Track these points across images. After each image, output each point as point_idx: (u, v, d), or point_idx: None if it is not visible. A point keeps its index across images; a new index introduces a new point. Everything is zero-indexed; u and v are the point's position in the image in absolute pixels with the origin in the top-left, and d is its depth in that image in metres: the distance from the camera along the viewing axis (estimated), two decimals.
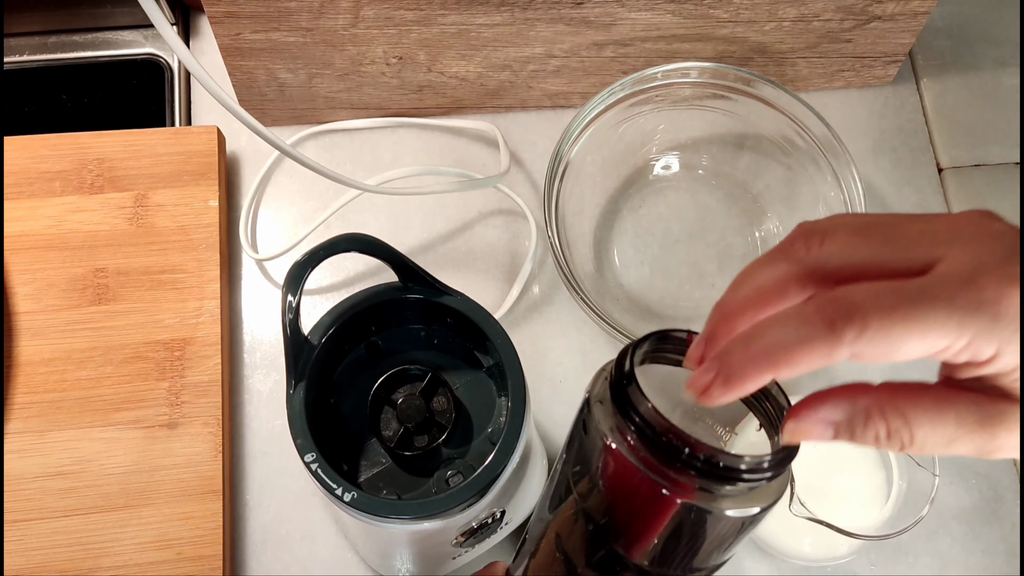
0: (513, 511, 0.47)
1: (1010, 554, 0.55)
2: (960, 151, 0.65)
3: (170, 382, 0.54)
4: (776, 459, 0.28)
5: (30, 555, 0.50)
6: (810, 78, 0.65)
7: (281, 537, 0.54)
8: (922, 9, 0.60)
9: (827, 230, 0.28)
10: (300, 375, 0.40)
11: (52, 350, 0.54)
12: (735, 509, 0.28)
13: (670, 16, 0.58)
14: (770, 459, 0.28)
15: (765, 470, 0.28)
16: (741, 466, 0.27)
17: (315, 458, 0.39)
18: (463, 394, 0.44)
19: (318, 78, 0.61)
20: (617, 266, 0.60)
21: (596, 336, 0.59)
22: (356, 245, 0.41)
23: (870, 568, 0.54)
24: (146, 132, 0.60)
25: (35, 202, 0.57)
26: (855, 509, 0.51)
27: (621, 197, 0.62)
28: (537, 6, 0.56)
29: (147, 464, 0.52)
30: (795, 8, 0.58)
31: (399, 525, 0.39)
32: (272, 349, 0.58)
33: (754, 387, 0.27)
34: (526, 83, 0.63)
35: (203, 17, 0.67)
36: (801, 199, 0.59)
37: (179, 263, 0.57)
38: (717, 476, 0.28)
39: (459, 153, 0.64)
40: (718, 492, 0.28)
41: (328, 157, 0.63)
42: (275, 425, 0.56)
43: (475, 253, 0.61)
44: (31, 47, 0.67)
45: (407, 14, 0.56)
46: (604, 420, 0.29)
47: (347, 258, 0.61)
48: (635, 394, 0.29)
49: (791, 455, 0.29)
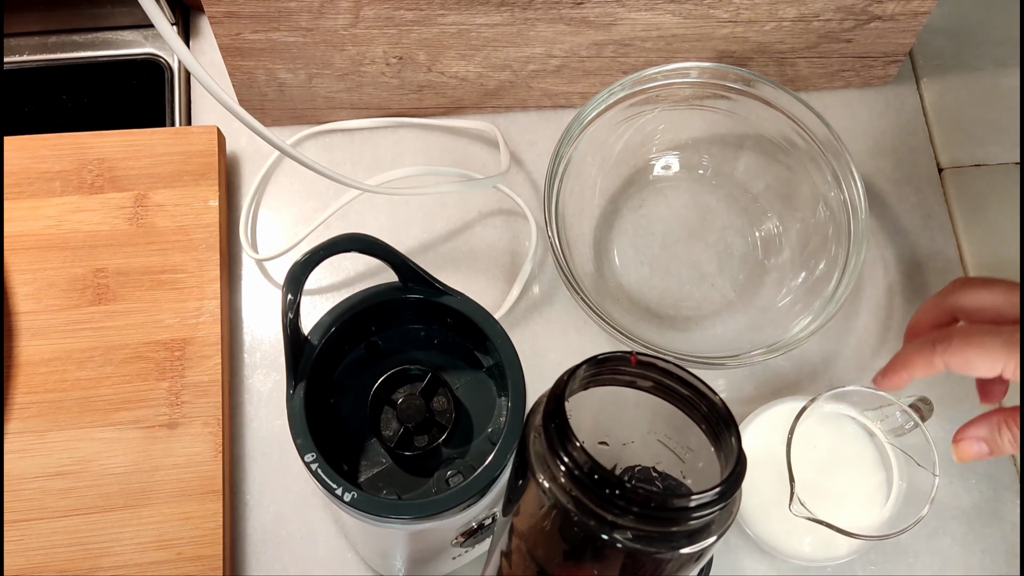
0: None
1: (1010, 554, 0.55)
2: (960, 151, 0.65)
3: (170, 382, 0.54)
4: (722, 490, 0.27)
5: (30, 555, 0.50)
6: (810, 78, 0.65)
7: (281, 537, 0.54)
8: (922, 9, 0.60)
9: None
10: (300, 375, 0.40)
11: (52, 350, 0.54)
12: (689, 546, 0.27)
13: (670, 16, 0.58)
14: (715, 491, 0.26)
15: (710, 504, 0.26)
16: (689, 504, 0.26)
17: (315, 458, 0.39)
18: (463, 394, 0.44)
19: (318, 78, 0.61)
20: (617, 266, 0.60)
21: (596, 336, 0.59)
22: (356, 245, 0.41)
23: (870, 568, 0.54)
24: (146, 132, 0.60)
25: (35, 202, 0.57)
26: (855, 509, 0.50)
27: (621, 197, 0.62)
28: (537, 6, 0.56)
29: (147, 464, 0.52)
30: (795, 8, 0.58)
31: (399, 525, 0.39)
32: (272, 349, 0.58)
33: (900, 381, 0.45)
34: (526, 83, 0.63)
35: (203, 17, 0.67)
36: (801, 199, 0.59)
37: (179, 263, 0.57)
38: (659, 519, 0.26)
39: (459, 153, 0.64)
40: (665, 531, 0.26)
41: (328, 157, 0.63)
42: (275, 425, 0.56)
43: (475, 253, 0.61)
44: (31, 47, 0.67)
45: (407, 14, 0.56)
46: (537, 456, 0.28)
47: (347, 258, 0.61)
48: (565, 431, 0.27)
49: (736, 483, 0.27)
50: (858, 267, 0.53)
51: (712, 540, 0.27)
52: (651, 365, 0.32)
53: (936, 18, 0.68)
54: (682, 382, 0.33)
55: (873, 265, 0.61)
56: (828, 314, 0.53)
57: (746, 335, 0.57)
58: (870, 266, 0.61)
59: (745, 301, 0.59)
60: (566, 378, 0.29)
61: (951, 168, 0.64)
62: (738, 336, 0.58)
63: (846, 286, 0.53)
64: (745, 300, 0.60)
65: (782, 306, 0.58)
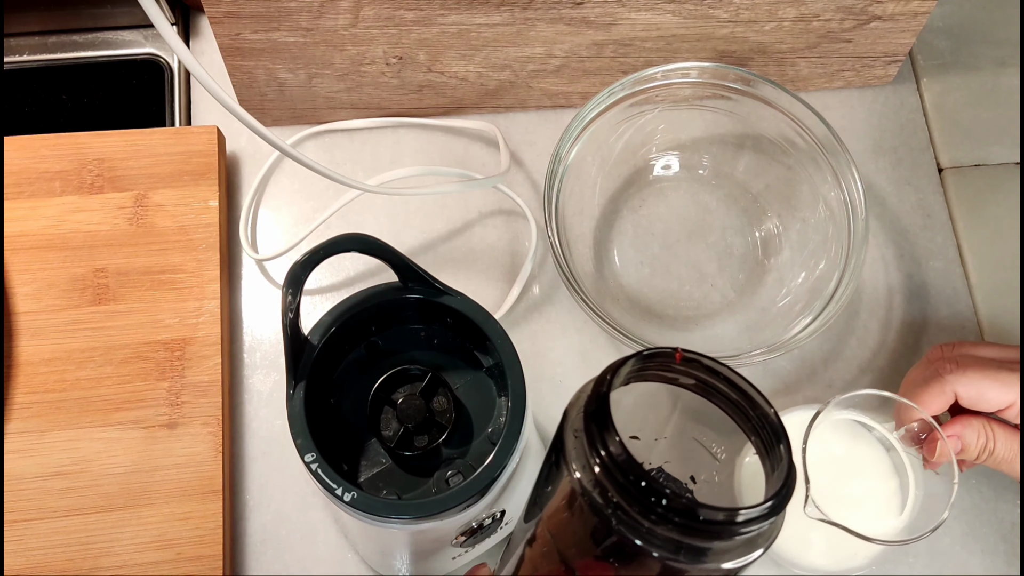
0: (513, 511, 0.47)
1: (1010, 554, 0.55)
2: (960, 151, 0.65)
3: (170, 382, 0.54)
4: (773, 504, 0.25)
5: (30, 555, 0.50)
6: (810, 78, 0.65)
7: (281, 537, 0.54)
8: (922, 9, 0.60)
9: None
10: (300, 375, 0.40)
11: (52, 350, 0.54)
12: (729, 560, 0.25)
13: (670, 16, 0.58)
14: (765, 506, 0.25)
15: (758, 519, 0.25)
16: (737, 519, 0.24)
17: (315, 458, 0.39)
18: (463, 394, 0.44)
19: (318, 78, 0.61)
20: (617, 266, 0.60)
21: (596, 336, 0.59)
22: (356, 245, 0.41)
23: (870, 568, 0.54)
24: (146, 132, 0.60)
25: (35, 202, 0.57)
26: (870, 516, 0.49)
27: (621, 197, 0.62)
28: (537, 6, 0.56)
29: (147, 464, 0.52)
30: (795, 8, 0.58)
31: (399, 525, 0.39)
32: (272, 349, 0.58)
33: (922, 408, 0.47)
34: (526, 83, 0.63)
35: (203, 17, 0.67)
36: (801, 199, 0.59)
37: (179, 263, 0.57)
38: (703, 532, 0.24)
39: (459, 153, 0.64)
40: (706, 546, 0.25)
41: (328, 157, 0.63)
42: (275, 425, 0.56)
43: (475, 253, 0.61)
44: (31, 47, 0.67)
45: (407, 14, 0.56)
46: (577, 458, 0.26)
47: (347, 258, 0.61)
48: (607, 429, 0.25)
49: (787, 497, 0.26)
50: (858, 267, 0.53)
51: (757, 554, 0.26)
52: (696, 363, 0.31)
53: (936, 18, 0.68)
54: (730, 384, 0.31)
55: (873, 265, 0.61)
56: (828, 314, 0.53)
57: (746, 335, 0.57)
58: (870, 266, 0.61)
59: (745, 301, 0.59)
60: (610, 375, 0.28)
61: (951, 168, 0.64)
62: (738, 336, 0.58)
63: (846, 286, 0.53)
64: (745, 300, 0.60)
65: (782, 306, 0.58)
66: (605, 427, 0.26)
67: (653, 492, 0.24)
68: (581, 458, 0.26)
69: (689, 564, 0.25)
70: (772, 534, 0.27)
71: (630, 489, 0.24)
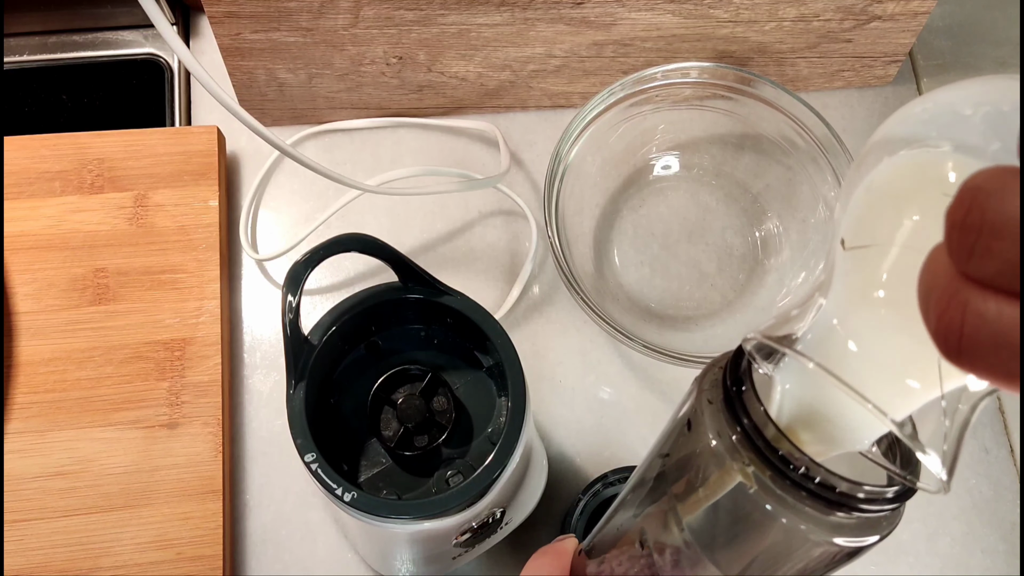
0: (513, 511, 0.47)
1: (1010, 554, 0.55)
2: None
3: (170, 382, 0.54)
4: (903, 488, 0.25)
5: (30, 555, 0.50)
6: (810, 78, 0.65)
7: (281, 537, 0.54)
8: (922, 9, 0.60)
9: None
10: (300, 375, 0.40)
11: (52, 350, 0.54)
12: (845, 537, 0.26)
13: (670, 16, 0.58)
14: (895, 490, 0.25)
15: (887, 500, 0.25)
16: (859, 495, 0.25)
17: (315, 458, 0.39)
18: (463, 394, 0.44)
19: (318, 78, 0.61)
20: (617, 266, 0.60)
21: (596, 336, 0.59)
22: (356, 245, 0.41)
23: (870, 568, 0.54)
24: (146, 132, 0.60)
25: (35, 202, 0.57)
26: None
27: (621, 197, 0.62)
28: (537, 6, 0.56)
29: (147, 464, 0.52)
30: (795, 8, 0.58)
31: (399, 525, 0.39)
32: (272, 349, 0.58)
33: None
34: (526, 83, 0.63)
35: (203, 17, 0.67)
36: (801, 199, 0.59)
37: (179, 263, 0.57)
38: (832, 502, 0.25)
39: (459, 153, 0.64)
40: (829, 518, 0.25)
41: (328, 157, 0.63)
42: (275, 425, 0.56)
43: (475, 253, 0.61)
44: (31, 47, 0.67)
45: (407, 14, 0.56)
46: (713, 424, 0.27)
47: (347, 258, 0.61)
48: (751, 401, 0.26)
49: (913, 486, 0.26)
50: None
51: (875, 539, 0.26)
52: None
53: (936, 18, 0.68)
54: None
55: None
56: None
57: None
58: None
59: (745, 301, 0.59)
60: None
61: None
62: (738, 336, 0.57)
63: None
64: (745, 300, 0.60)
65: (782, 306, 0.58)
66: (747, 394, 0.27)
67: (791, 460, 0.25)
68: (717, 426, 0.27)
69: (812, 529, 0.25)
70: (890, 523, 0.27)
71: (769, 458, 0.25)
